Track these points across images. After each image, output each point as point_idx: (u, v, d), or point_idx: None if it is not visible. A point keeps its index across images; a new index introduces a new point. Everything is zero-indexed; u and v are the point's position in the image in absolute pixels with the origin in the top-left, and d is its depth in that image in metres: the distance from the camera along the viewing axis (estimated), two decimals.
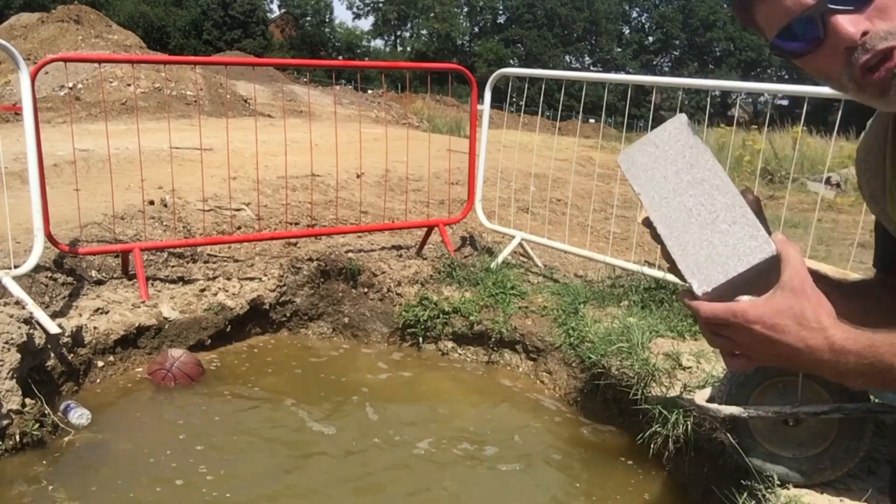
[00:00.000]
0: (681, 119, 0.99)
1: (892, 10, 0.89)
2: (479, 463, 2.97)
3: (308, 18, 62.54)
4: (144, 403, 3.27)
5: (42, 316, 3.11)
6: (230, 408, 3.28)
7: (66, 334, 3.22)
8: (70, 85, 11.96)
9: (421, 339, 4.05)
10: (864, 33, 0.89)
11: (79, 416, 2.97)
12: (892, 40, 0.89)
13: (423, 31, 64.09)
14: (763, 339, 0.90)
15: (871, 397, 2.14)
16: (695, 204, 0.93)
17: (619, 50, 65.17)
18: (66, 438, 2.86)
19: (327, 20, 63.79)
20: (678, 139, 0.97)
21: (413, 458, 2.96)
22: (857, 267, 3.87)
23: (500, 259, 4.47)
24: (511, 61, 56.89)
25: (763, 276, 0.91)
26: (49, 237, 3.51)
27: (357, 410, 3.35)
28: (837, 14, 0.89)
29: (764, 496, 2.20)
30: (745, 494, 2.24)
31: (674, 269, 0.96)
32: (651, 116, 4.78)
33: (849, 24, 0.89)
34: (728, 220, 0.91)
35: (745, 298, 0.92)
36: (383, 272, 4.26)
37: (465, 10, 65.87)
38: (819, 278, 1.00)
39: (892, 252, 1.20)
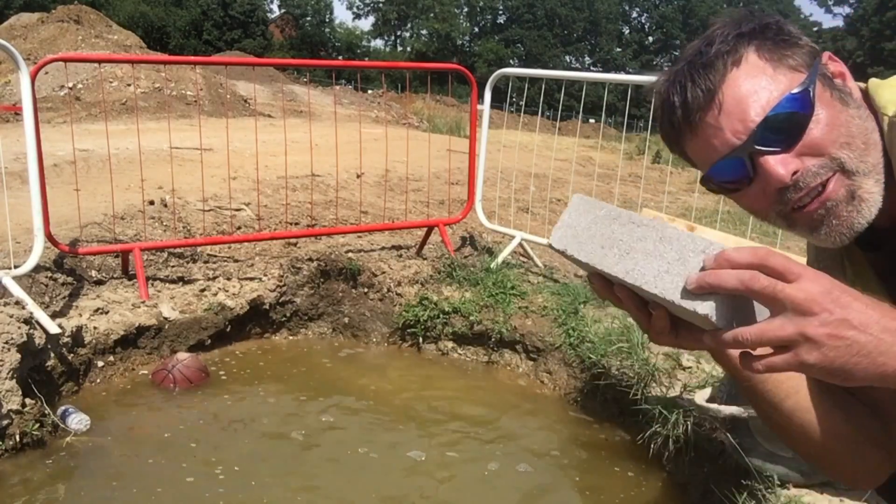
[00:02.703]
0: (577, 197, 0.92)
1: (822, 145, 0.86)
2: (479, 463, 2.97)
3: (308, 18, 62.56)
4: (144, 404, 3.27)
5: (42, 316, 3.11)
6: (230, 409, 3.28)
7: (66, 334, 3.22)
8: (70, 85, 11.96)
9: (421, 339, 4.05)
10: (795, 172, 0.86)
11: (77, 421, 2.95)
12: (824, 174, 0.86)
13: (423, 31, 64.10)
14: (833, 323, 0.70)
15: None
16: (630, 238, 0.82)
17: (619, 50, 65.22)
18: (67, 439, 2.86)
19: (327, 20, 63.84)
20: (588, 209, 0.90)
21: (412, 458, 2.96)
22: None
23: (500, 259, 4.47)
24: (511, 61, 56.92)
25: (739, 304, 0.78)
26: (49, 237, 3.51)
27: (357, 411, 3.36)
28: (766, 155, 0.86)
29: (764, 496, 2.20)
30: (745, 494, 2.24)
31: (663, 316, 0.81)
32: (651, 116, 4.77)
33: (779, 165, 0.86)
34: (666, 242, 0.79)
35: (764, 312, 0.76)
36: (383, 272, 4.26)
37: (465, 10, 65.91)
38: None
39: None
